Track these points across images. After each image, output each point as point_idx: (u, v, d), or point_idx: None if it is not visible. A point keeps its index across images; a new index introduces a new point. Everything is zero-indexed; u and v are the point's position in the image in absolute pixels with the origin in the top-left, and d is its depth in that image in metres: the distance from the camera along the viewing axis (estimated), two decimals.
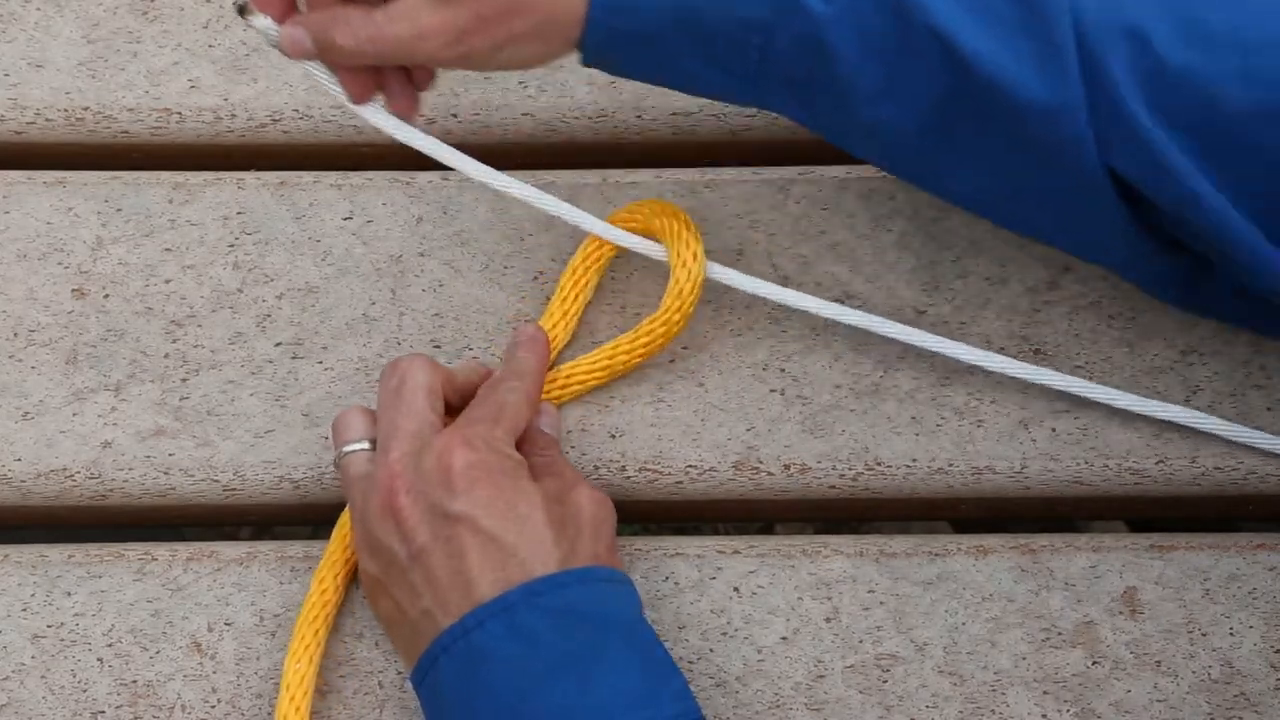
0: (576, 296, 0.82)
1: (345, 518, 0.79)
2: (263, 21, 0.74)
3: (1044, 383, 0.81)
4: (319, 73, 0.76)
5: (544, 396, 0.80)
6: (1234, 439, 0.80)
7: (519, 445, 0.77)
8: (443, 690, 0.71)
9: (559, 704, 0.69)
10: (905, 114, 0.73)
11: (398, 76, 0.77)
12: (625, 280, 0.84)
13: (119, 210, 0.86)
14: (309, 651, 0.76)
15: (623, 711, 0.69)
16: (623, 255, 0.83)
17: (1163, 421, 0.81)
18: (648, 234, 0.81)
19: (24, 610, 0.79)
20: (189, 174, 0.87)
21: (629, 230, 0.81)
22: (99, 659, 0.78)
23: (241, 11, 0.74)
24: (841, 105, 0.73)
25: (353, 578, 0.78)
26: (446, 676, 0.71)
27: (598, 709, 0.69)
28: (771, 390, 0.82)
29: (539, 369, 0.79)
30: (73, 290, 0.85)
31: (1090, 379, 0.82)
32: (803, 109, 0.75)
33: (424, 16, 0.72)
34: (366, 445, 0.77)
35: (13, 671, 0.78)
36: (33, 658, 0.78)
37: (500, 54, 0.73)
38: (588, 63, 0.75)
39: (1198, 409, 0.81)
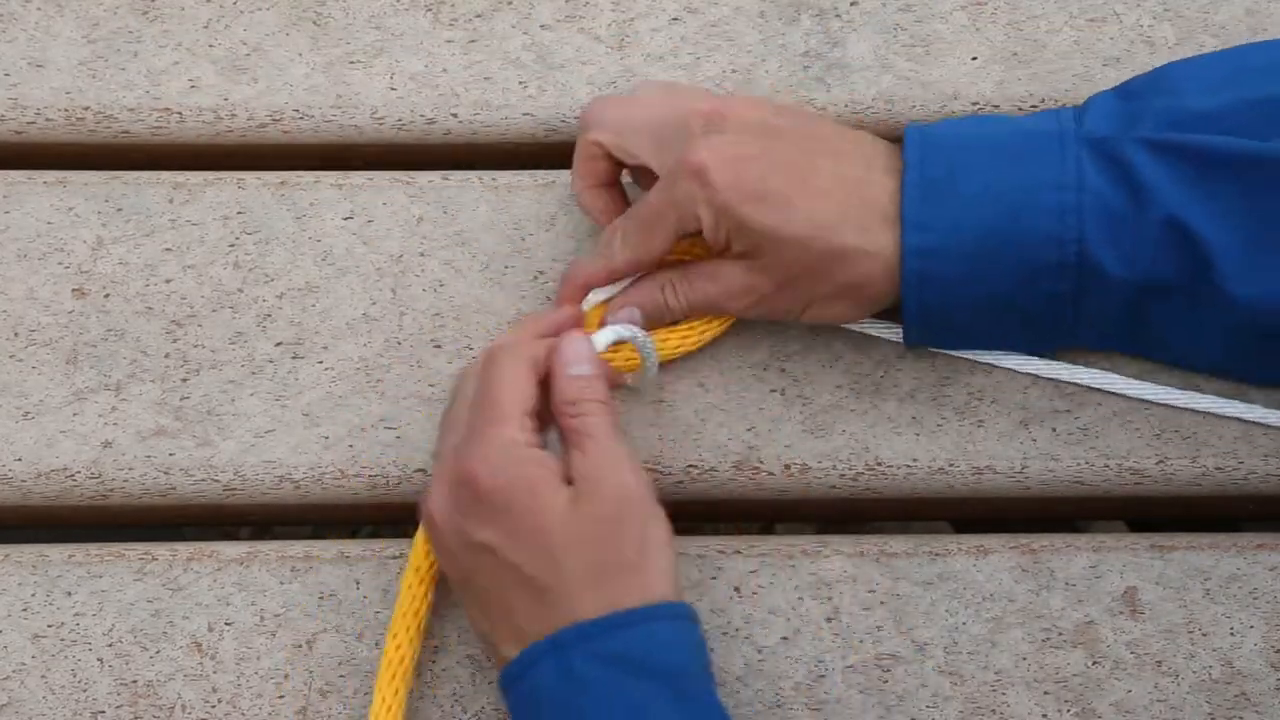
0: None
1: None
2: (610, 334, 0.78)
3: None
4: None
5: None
6: (1246, 418, 0.80)
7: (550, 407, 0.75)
8: (515, 714, 0.72)
9: None
10: (1207, 349, 0.78)
11: None
12: None
13: (119, 210, 0.86)
14: (403, 667, 0.76)
15: None
16: None
17: (1164, 418, 0.81)
18: None
19: (24, 610, 0.79)
20: (189, 174, 0.87)
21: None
22: (99, 659, 0.78)
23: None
24: (1154, 344, 0.78)
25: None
26: (515, 708, 0.71)
27: None
28: (772, 390, 0.82)
29: (533, 328, 0.78)
30: (73, 290, 0.85)
31: (1090, 378, 0.82)
32: (1121, 347, 0.80)
33: (732, 279, 0.77)
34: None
35: (13, 671, 0.78)
36: (33, 658, 0.78)
37: (806, 312, 0.78)
38: (910, 345, 0.80)
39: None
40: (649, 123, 0.79)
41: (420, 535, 0.77)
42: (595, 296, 0.81)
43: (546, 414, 0.75)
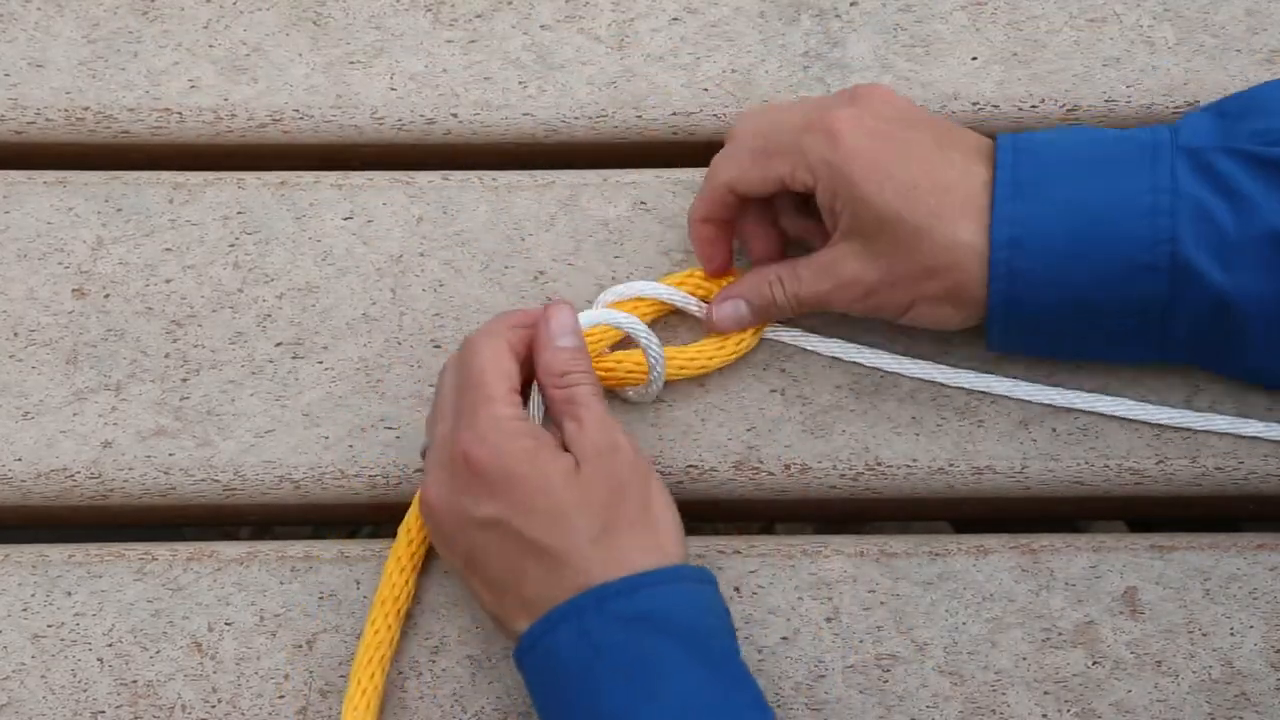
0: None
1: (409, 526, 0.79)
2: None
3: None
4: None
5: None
6: (1239, 433, 0.80)
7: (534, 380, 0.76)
8: (530, 688, 0.72)
9: (627, 715, 0.68)
10: None
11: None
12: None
13: (119, 210, 0.86)
14: (380, 653, 0.76)
15: None
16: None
17: (1165, 422, 0.81)
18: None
19: (24, 610, 0.79)
20: (189, 174, 0.87)
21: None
22: (99, 659, 0.78)
23: None
24: (1241, 354, 0.77)
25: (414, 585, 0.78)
26: (531, 677, 0.72)
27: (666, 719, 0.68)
28: (771, 390, 0.82)
29: (512, 313, 0.78)
30: (73, 290, 0.85)
31: (1090, 379, 0.82)
32: (1204, 359, 0.79)
33: (842, 269, 0.77)
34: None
35: (13, 671, 0.78)
36: (33, 657, 0.78)
37: (911, 311, 0.77)
38: (993, 350, 0.79)
39: (1198, 409, 0.81)
40: (784, 128, 0.78)
41: (405, 525, 0.78)
42: (604, 296, 0.81)
43: (524, 391, 0.76)
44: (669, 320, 0.83)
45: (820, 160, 0.76)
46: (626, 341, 0.81)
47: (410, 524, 0.78)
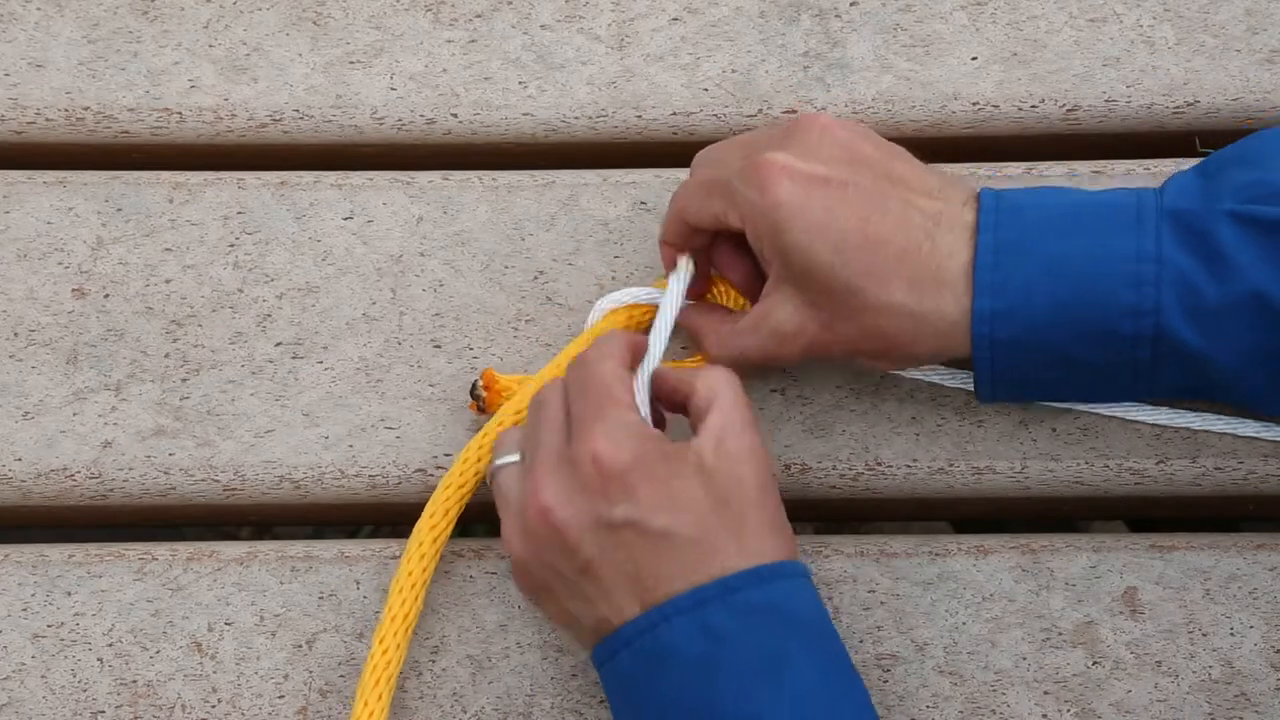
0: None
1: (428, 522, 0.78)
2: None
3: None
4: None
5: None
6: (1236, 433, 0.80)
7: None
8: (623, 682, 0.70)
9: (749, 708, 0.67)
10: None
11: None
12: None
13: (119, 210, 0.86)
14: (387, 672, 0.75)
15: (811, 717, 0.68)
16: None
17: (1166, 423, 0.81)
18: None
19: (24, 610, 0.79)
20: (189, 174, 0.87)
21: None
22: (99, 659, 0.78)
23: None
24: (1228, 398, 0.77)
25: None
26: (628, 670, 0.70)
27: (789, 715, 0.67)
28: (772, 390, 0.82)
29: (620, 334, 0.77)
30: (73, 290, 0.85)
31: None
32: (1190, 397, 0.79)
33: (776, 322, 0.76)
34: (516, 458, 0.75)
35: (13, 671, 0.78)
36: (33, 657, 0.78)
37: (853, 363, 0.77)
38: (983, 403, 0.80)
39: (1198, 408, 0.81)
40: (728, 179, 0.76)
41: (415, 540, 0.77)
42: (603, 304, 0.81)
43: None
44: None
45: (748, 205, 0.74)
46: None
47: (422, 535, 0.77)
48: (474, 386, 0.80)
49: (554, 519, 0.71)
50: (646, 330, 0.79)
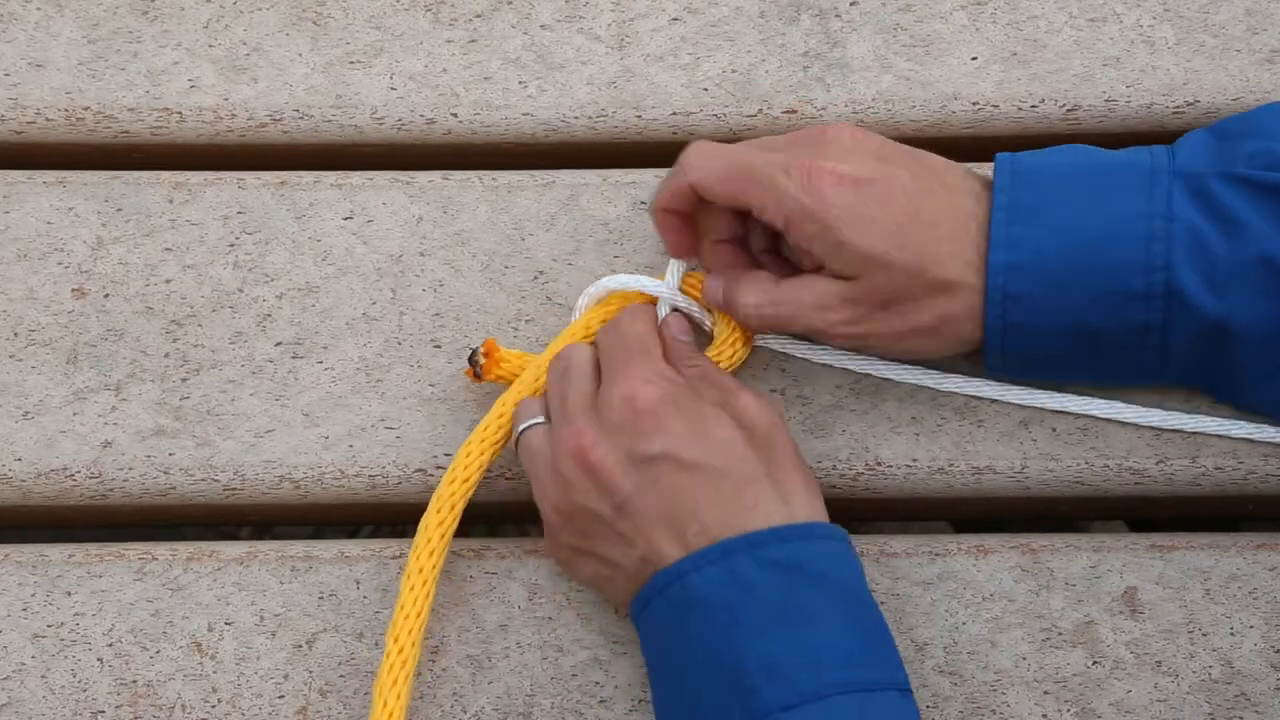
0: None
1: (435, 518, 0.77)
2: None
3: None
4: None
5: None
6: (1237, 436, 0.80)
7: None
8: (657, 630, 0.72)
9: (768, 652, 0.69)
10: None
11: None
12: None
13: (119, 210, 0.86)
14: (405, 672, 0.75)
15: (832, 668, 0.69)
16: None
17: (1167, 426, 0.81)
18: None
19: (24, 610, 0.79)
20: (189, 174, 0.87)
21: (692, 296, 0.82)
22: (99, 659, 0.78)
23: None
24: (1239, 381, 0.77)
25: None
26: (660, 617, 0.72)
27: (807, 663, 0.69)
28: (772, 390, 0.82)
29: (639, 303, 0.80)
30: (73, 290, 0.85)
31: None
32: (1207, 381, 0.78)
33: (828, 298, 0.76)
34: (541, 419, 0.77)
35: (13, 671, 0.78)
36: (33, 657, 0.78)
37: (898, 345, 0.77)
38: (990, 375, 0.80)
39: (1199, 408, 0.81)
40: (756, 164, 0.77)
41: (422, 536, 0.77)
42: (594, 291, 0.81)
43: None
44: None
45: (796, 206, 0.75)
46: None
47: (430, 530, 0.77)
48: (473, 353, 0.80)
49: (591, 458, 0.73)
50: None
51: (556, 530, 0.76)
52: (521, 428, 0.77)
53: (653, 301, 0.81)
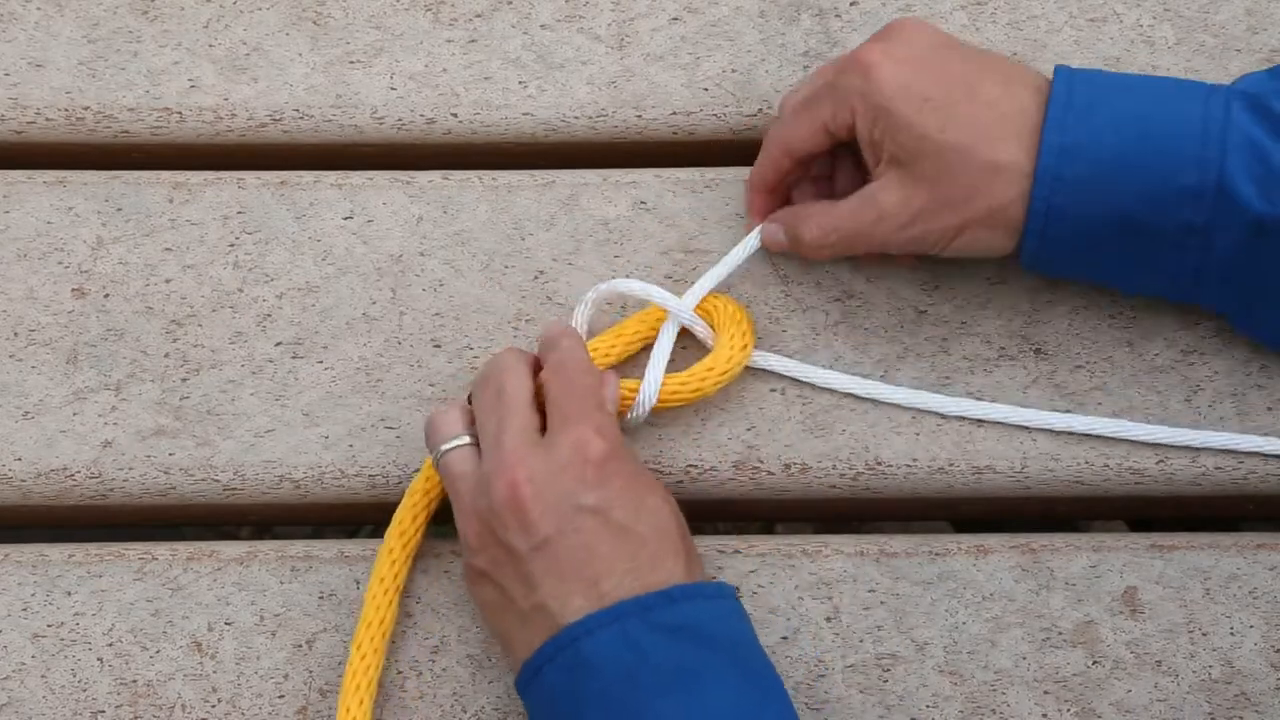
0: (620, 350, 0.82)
1: (397, 529, 0.78)
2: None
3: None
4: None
5: None
6: (1239, 449, 0.80)
7: None
8: (551, 696, 0.71)
9: (664, 714, 0.69)
10: None
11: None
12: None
13: (119, 210, 0.86)
14: (367, 678, 0.76)
15: None
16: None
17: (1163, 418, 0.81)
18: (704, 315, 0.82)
19: (24, 610, 0.79)
20: (189, 174, 0.87)
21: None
22: (99, 658, 0.78)
23: None
24: (1273, 297, 0.76)
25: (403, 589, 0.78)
26: (554, 682, 0.71)
27: None
28: (771, 390, 0.82)
29: (576, 341, 0.79)
30: (73, 290, 0.85)
31: (1090, 378, 0.82)
32: (1239, 300, 0.78)
33: (883, 198, 0.77)
34: (468, 439, 0.76)
35: (13, 671, 0.78)
36: (33, 657, 0.78)
37: (957, 239, 0.77)
38: (1024, 264, 0.78)
39: (1198, 408, 0.81)
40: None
41: (387, 545, 0.77)
42: (592, 295, 0.81)
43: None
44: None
45: (855, 94, 0.77)
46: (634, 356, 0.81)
47: (402, 521, 0.78)
48: None
49: (522, 493, 0.72)
50: (648, 347, 0.81)
51: (472, 551, 0.75)
52: (445, 448, 0.76)
53: (661, 315, 0.81)
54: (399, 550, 0.78)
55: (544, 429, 0.75)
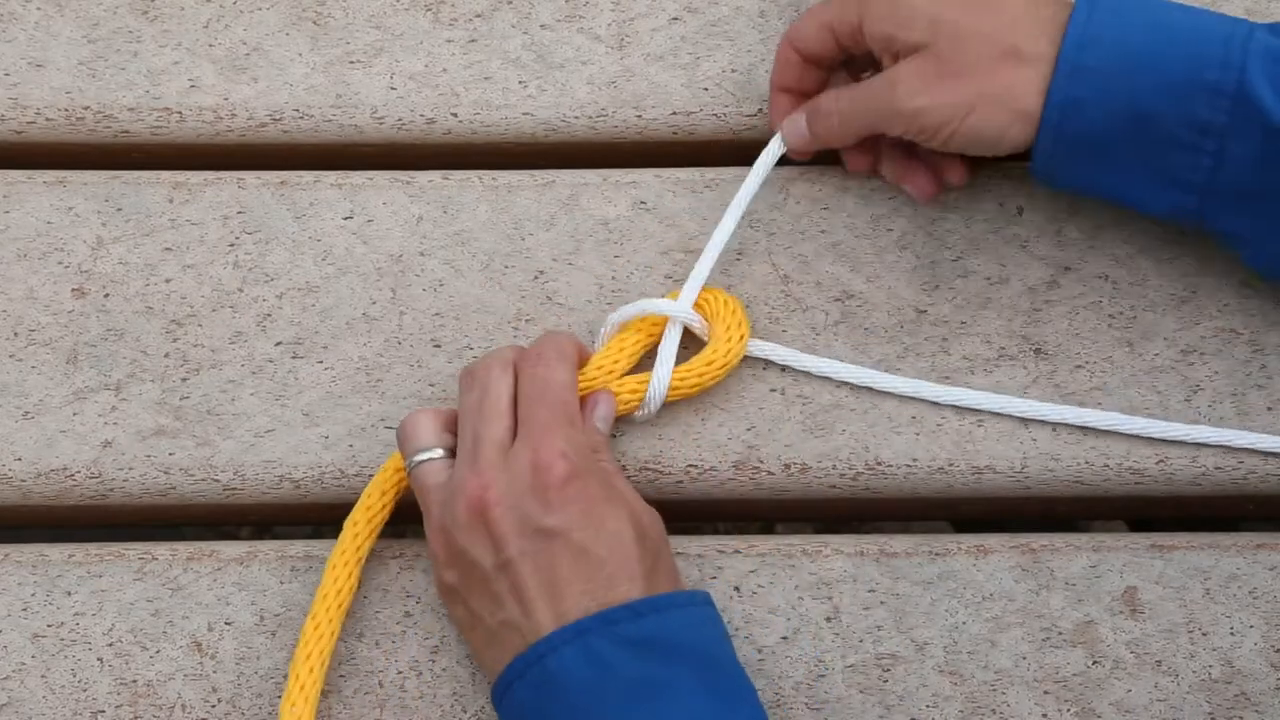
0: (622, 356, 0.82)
1: (356, 516, 0.78)
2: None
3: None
4: None
5: None
6: (1238, 445, 0.80)
7: None
8: (521, 713, 0.72)
9: None
10: None
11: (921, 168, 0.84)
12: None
13: (119, 210, 0.86)
14: (320, 648, 0.75)
15: None
16: None
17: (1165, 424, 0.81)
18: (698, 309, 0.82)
19: (24, 610, 0.79)
20: (189, 174, 0.87)
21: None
22: (99, 659, 0.78)
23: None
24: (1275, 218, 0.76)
25: (359, 579, 0.78)
26: (523, 699, 0.71)
27: None
28: (771, 390, 0.82)
29: (571, 341, 0.79)
30: (73, 290, 0.85)
31: (1090, 378, 0.82)
32: (1249, 222, 0.77)
33: (898, 69, 0.78)
34: (441, 453, 0.77)
35: (13, 671, 0.78)
36: (33, 657, 0.78)
37: (966, 121, 0.77)
38: (1036, 169, 0.78)
39: (1198, 408, 0.81)
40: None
41: (331, 564, 0.77)
42: (615, 319, 0.81)
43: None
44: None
45: None
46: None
47: (345, 544, 0.78)
48: None
49: (491, 513, 0.73)
50: (651, 353, 0.81)
51: (440, 565, 0.75)
52: (417, 460, 0.77)
53: (663, 321, 0.81)
54: (363, 524, 0.78)
55: None
